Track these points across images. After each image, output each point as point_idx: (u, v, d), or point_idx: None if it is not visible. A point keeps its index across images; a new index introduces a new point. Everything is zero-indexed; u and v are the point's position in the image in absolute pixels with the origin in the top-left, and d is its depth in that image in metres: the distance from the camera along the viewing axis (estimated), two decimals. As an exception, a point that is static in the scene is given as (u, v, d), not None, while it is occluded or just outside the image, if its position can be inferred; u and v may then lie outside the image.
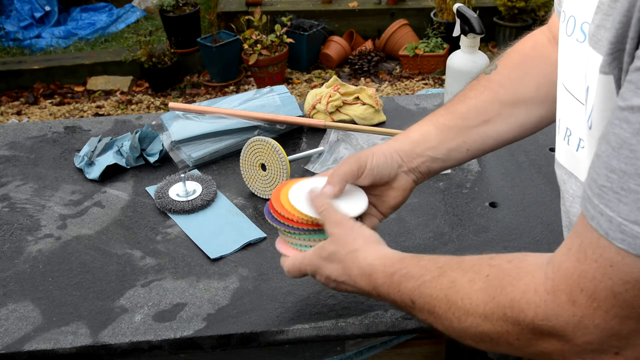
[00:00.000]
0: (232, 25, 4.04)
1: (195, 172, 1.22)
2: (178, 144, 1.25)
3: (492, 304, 0.58)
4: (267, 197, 1.15)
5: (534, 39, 0.89)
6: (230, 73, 3.96)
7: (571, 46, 0.64)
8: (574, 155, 0.67)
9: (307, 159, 1.25)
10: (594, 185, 0.48)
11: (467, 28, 1.24)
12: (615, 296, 0.48)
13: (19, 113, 3.79)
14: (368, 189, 0.83)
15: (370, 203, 0.83)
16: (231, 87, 3.95)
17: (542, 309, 0.53)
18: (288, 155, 1.13)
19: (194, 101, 3.71)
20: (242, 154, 1.17)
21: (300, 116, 1.34)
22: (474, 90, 0.86)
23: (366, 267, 0.71)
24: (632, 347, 0.51)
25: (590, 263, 0.50)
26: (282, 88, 1.40)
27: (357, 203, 0.81)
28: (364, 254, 0.72)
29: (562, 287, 0.52)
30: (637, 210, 0.45)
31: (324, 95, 1.37)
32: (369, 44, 4.14)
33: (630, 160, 0.45)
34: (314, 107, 1.38)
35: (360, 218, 0.82)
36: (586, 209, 0.50)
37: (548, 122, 0.86)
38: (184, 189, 1.14)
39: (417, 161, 0.83)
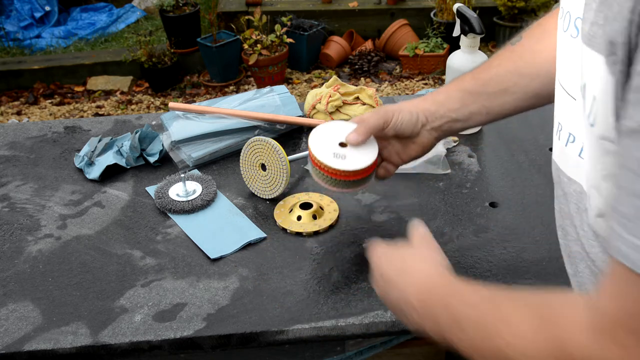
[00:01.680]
0: (232, 25, 4.04)
1: (195, 172, 1.22)
2: (178, 144, 1.25)
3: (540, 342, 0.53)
4: (267, 197, 1.15)
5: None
6: (230, 73, 3.95)
7: (566, 42, 0.64)
8: (563, 150, 0.67)
9: (307, 159, 1.25)
10: (619, 215, 0.44)
11: (467, 28, 1.24)
12: None
13: (19, 113, 3.79)
14: (391, 139, 0.93)
15: (393, 151, 0.94)
16: (231, 87, 3.95)
17: (588, 350, 0.50)
18: (288, 155, 1.13)
19: (194, 101, 3.71)
20: (242, 154, 1.17)
21: (300, 116, 1.34)
22: (497, 60, 0.92)
23: (428, 273, 0.72)
24: None
25: (629, 301, 0.46)
26: (282, 88, 1.40)
27: (367, 155, 0.89)
28: (434, 265, 0.74)
29: (607, 329, 0.48)
30: None
31: (324, 95, 1.37)
32: (369, 44, 4.14)
33: None
34: (314, 107, 1.37)
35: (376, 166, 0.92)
36: (610, 241, 0.46)
37: None
38: (184, 189, 1.14)
39: (440, 121, 0.91)
